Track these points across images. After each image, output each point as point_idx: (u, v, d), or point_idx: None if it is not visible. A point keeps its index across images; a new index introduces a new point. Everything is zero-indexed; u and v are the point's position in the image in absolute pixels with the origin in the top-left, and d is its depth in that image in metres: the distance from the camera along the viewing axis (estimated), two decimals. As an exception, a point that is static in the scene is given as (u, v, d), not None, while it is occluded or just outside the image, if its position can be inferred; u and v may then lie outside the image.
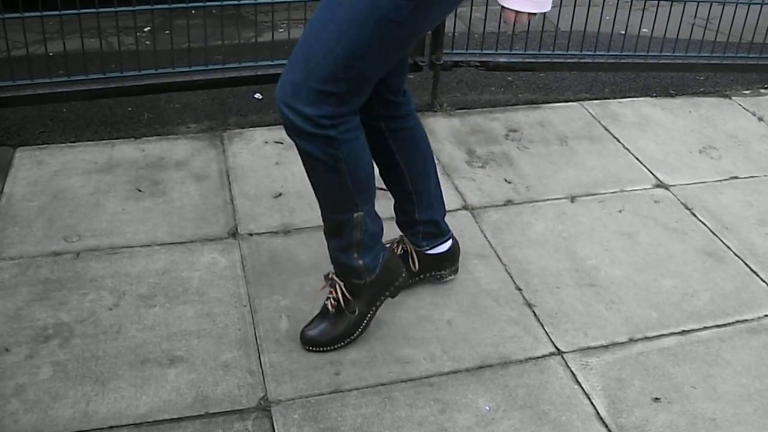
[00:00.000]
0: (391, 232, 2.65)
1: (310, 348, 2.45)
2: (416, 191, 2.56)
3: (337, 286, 2.44)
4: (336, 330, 2.45)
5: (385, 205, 2.60)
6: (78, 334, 2.45)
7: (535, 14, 2.10)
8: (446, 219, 2.69)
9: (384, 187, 2.58)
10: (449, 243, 2.68)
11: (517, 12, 2.09)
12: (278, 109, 2.17)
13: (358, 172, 2.26)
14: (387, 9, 2.03)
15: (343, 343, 2.46)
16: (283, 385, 2.32)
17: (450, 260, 2.70)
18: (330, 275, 2.47)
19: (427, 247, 2.64)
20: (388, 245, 2.62)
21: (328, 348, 2.45)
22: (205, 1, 3.51)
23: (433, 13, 2.13)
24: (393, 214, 2.64)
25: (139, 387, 2.29)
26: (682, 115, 3.91)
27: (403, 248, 2.65)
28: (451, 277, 2.72)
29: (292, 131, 2.17)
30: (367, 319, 2.48)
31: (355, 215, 2.31)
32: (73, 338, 2.44)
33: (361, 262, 2.38)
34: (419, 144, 2.52)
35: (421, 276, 2.68)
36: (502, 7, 2.10)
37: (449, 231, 2.69)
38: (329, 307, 2.46)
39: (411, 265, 2.64)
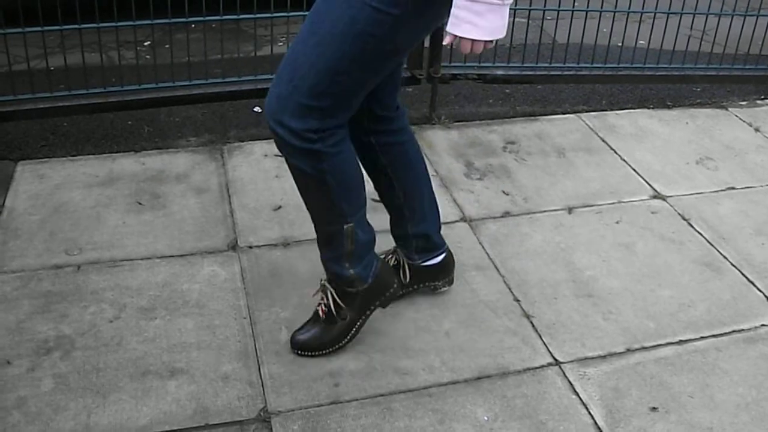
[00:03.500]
0: (386, 243, 2.67)
1: (299, 352, 2.48)
2: (408, 206, 2.56)
3: (329, 293, 2.46)
4: (326, 336, 2.48)
5: (382, 217, 2.61)
6: (79, 347, 2.47)
7: (491, 42, 2.01)
8: (444, 230, 2.71)
9: (379, 199, 2.60)
10: (442, 256, 2.68)
11: (473, 41, 2.00)
12: (267, 124, 2.20)
13: (346, 184, 2.29)
14: (366, 24, 2.05)
15: (331, 349, 2.48)
16: (283, 396, 2.34)
17: (443, 272, 2.71)
18: (322, 281, 2.49)
19: (420, 260, 2.65)
20: (382, 256, 2.64)
21: (316, 353, 2.48)
22: (204, 16, 3.54)
23: (413, 29, 2.13)
24: (389, 226, 2.65)
25: (139, 399, 2.31)
26: (679, 127, 3.93)
27: (396, 259, 2.66)
28: (445, 288, 2.73)
29: (280, 145, 2.21)
30: (356, 327, 2.50)
31: (345, 227, 2.33)
32: (74, 350, 2.45)
33: (352, 271, 2.41)
34: (411, 159, 2.53)
35: (414, 287, 2.69)
36: (459, 37, 2.01)
37: (443, 245, 2.69)
38: (320, 312, 2.49)
39: (402, 276, 2.65)
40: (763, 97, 4.28)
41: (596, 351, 2.56)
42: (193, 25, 3.70)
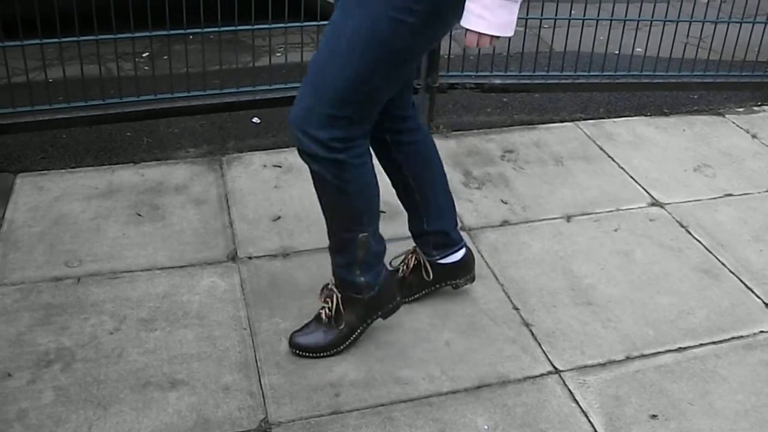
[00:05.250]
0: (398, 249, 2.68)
1: (297, 352, 2.52)
2: (424, 202, 2.61)
3: (335, 297, 2.51)
4: (325, 340, 2.52)
5: (387, 225, 2.62)
6: (79, 359, 2.47)
7: (498, 38, 2.09)
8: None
9: (384, 210, 2.62)
10: (462, 252, 2.70)
11: (480, 35, 2.08)
12: (292, 134, 2.26)
13: (366, 195, 2.37)
14: (385, 33, 2.11)
15: (327, 353, 2.52)
16: (284, 406, 2.34)
17: (464, 269, 2.73)
18: (329, 285, 2.53)
19: (438, 257, 2.67)
20: (401, 257, 2.73)
21: (313, 355, 2.51)
22: (203, 27, 3.55)
23: (429, 35, 2.20)
24: (396, 233, 2.67)
25: (140, 411, 2.31)
26: (677, 134, 3.94)
27: (416, 259, 2.70)
28: (466, 286, 2.76)
29: (305, 154, 2.28)
30: (356, 334, 2.54)
31: (360, 235, 2.40)
32: (74, 362, 2.46)
33: (362, 279, 2.46)
34: (426, 156, 2.58)
35: (437, 285, 2.72)
36: (466, 30, 2.10)
37: (461, 240, 2.71)
38: (323, 316, 2.53)
39: (425, 274, 2.69)
40: (759, 103, 4.29)
41: (596, 359, 2.57)
42: (191, 37, 3.70)
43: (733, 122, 4.08)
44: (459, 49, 4.30)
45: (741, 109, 4.23)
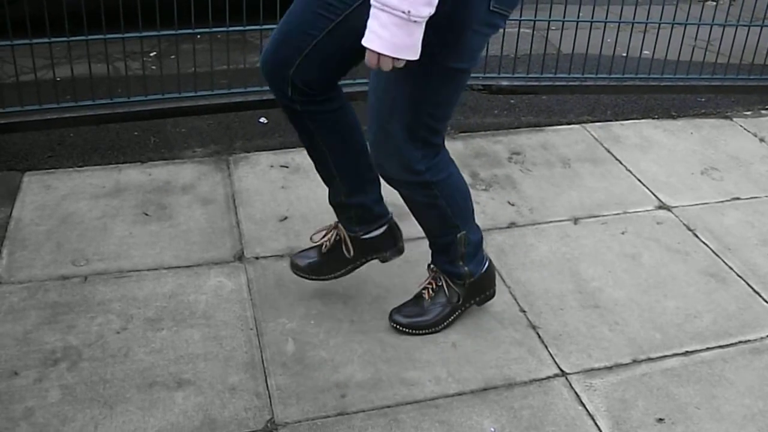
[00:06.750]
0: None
1: (397, 327, 2.60)
2: (341, 174, 2.52)
3: (443, 277, 2.59)
4: (427, 319, 2.60)
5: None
6: (86, 358, 2.47)
7: (401, 60, 1.95)
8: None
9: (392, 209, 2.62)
10: (384, 228, 2.63)
11: (379, 55, 1.94)
12: (375, 165, 2.36)
13: (456, 202, 2.45)
14: (450, 82, 2.20)
15: (428, 332, 2.60)
16: (290, 407, 2.34)
17: (389, 242, 2.66)
18: (433, 268, 2.60)
19: (361, 232, 2.60)
20: (323, 232, 2.66)
21: (413, 332, 2.60)
22: (211, 27, 3.55)
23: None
24: (407, 233, 2.67)
25: (146, 410, 2.31)
26: (684, 137, 3.94)
27: (337, 234, 2.62)
28: (394, 258, 2.70)
29: (390, 182, 2.37)
30: (454, 316, 2.63)
31: (459, 235, 2.48)
32: (81, 362, 2.46)
33: (466, 268, 2.57)
34: (341, 127, 2.45)
35: (359, 262, 2.66)
36: (367, 49, 1.95)
37: (385, 215, 2.62)
38: (426, 296, 2.61)
39: (345, 251, 2.62)
40: (767, 106, 4.28)
41: (602, 362, 2.56)
42: (199, 36, 3.71)
43: (741, 125, 4.08)
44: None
45: (749, 113, 4.22)
